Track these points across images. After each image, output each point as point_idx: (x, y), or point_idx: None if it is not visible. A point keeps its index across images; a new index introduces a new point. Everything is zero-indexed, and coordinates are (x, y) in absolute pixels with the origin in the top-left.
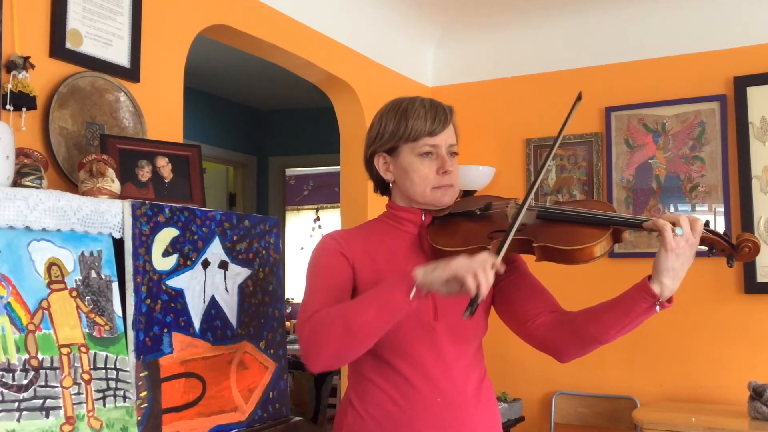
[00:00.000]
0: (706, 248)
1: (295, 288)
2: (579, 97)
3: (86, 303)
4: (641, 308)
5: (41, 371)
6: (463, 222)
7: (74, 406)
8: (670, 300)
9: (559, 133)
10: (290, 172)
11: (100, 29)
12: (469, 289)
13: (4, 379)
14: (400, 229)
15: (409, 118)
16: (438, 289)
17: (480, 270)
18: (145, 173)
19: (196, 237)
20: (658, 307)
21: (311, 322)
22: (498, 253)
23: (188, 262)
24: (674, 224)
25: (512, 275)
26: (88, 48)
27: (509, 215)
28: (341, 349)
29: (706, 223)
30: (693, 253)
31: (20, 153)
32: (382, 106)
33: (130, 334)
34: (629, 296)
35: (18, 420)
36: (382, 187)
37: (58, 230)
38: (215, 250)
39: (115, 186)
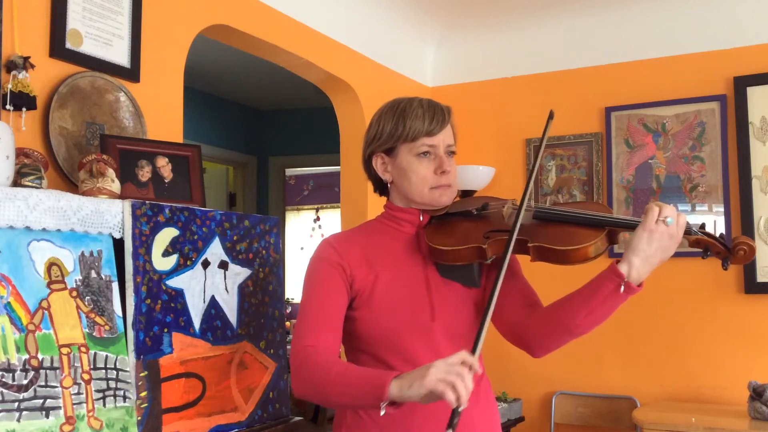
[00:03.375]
0: (701, 250)
1: (295, 288)
2: (551, 116)
3: (86, 303)
4: (607, 289)
5: (41, 371)
6: (460, 222)
7: (74, 406)
8: (639, 285)
9: (538, 152)
10: (290, 172)
11: (100, 29)
12: (450, 403)
13: (4, 379)
14: (398, 230)
15: (407, 119)
16: (418, 401)
17: (458, 380)
18: (145, 173)
19: (196, 237)
20: (623, 288)
21: (300, 358)
22: (473, 350)
23: (188, 262)
24: (660, 208)
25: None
26: (88, 48)
27: (506, 215)
28: (314, 399)
29: (702, 226)
30: (671, 246)
31: (20, 153)
32: (381, 106)
33: (130, 334)
34: (596, 278)
35: (18, 420)
36: (381, 187)
37: (58, 230)
38: (215, 250)
39: (115, 186)
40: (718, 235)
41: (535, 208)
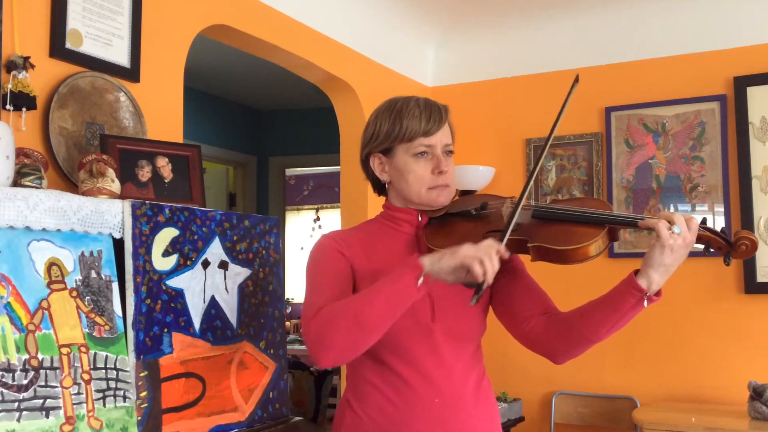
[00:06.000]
0: (702, 246)
1: (295, 288)
2: (576, 80)
3: (86, 303)
4: (629, 304)
5: (41, 371)
6: (459, 222)
7: (74, 406)
8: (658, 293)
9: (557, 119)
10: (290, 172)
11: (100, 29)
12: (476, 275)
13: (4, 379)
14: (397, 230)
15: (404, 118)
16: (445, 278)
17: (486, 257)
18: (145, 173)
19: (196, 237)
20: (646, 302)
21: (318, 318)
22: (501, 240)
23: (188, 262)
24: (670, 222)
25: (508, 275)
26: (88, 48)
27: (504, 215)
28: (351, 342)
29: (703, 221)
30: (687, 252)
31: (20, 153)
32: (378, 106)
33: (130, 334)
34: (617, 293)
35: (18, 420)
36: (379, 187)
37: (58, 230)
38: (215, 250)
39: (115, 186)
40: (719, 230)
41: (533, 207)
